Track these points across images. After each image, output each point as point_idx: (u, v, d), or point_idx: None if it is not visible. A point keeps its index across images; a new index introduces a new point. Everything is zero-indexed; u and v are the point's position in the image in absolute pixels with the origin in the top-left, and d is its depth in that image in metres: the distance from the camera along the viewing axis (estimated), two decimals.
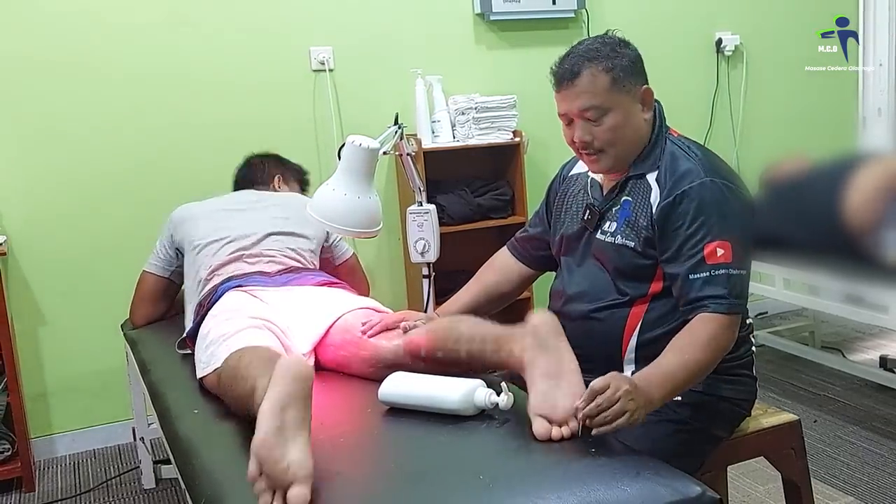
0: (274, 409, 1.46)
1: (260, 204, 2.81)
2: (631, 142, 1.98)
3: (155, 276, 2.85)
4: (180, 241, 2.74)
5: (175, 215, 2.80)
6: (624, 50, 1.97)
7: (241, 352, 1.94)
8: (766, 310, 4.76)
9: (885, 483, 2.86)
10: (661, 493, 1.42)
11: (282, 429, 1.44)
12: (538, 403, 1.64)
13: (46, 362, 3.52)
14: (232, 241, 2.60)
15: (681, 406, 1.90)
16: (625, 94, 1.95)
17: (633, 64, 1.97)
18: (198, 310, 2.41)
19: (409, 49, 3.93)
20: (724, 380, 1.95)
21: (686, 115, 4.51)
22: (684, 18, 4.47)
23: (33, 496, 3.22)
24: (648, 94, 1.99)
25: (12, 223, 3.39)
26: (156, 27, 3.52)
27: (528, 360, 1.71)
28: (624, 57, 1.96)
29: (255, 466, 1.43)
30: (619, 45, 1.98)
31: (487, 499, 1.43)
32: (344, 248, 2.95)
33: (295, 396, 1.48)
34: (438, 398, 1.77)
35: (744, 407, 2.02)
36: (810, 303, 3.50)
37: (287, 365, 1.52)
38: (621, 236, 1.98)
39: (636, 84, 1.97)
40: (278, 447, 1.42)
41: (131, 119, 3.52)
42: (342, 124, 3.82)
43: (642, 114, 1.98)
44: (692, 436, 1.91)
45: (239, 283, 2.40)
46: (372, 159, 2.33)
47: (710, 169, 1.91)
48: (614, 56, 1.94)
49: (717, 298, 1.81)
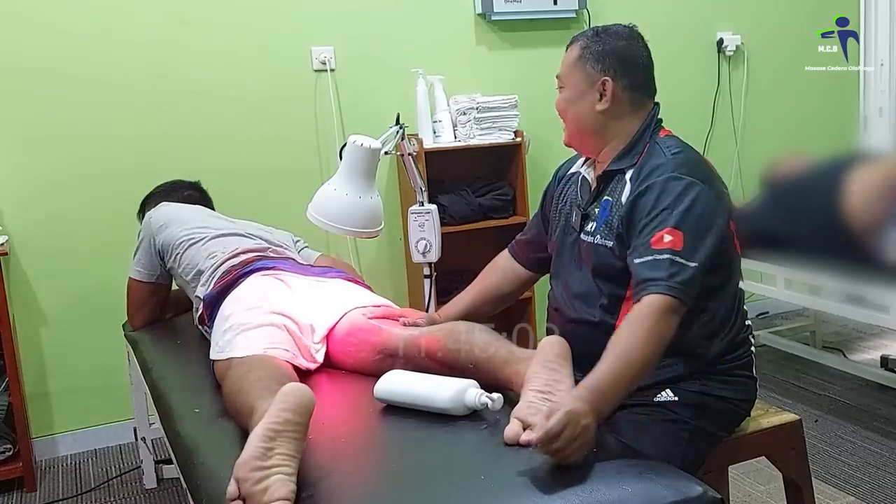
0: (266, 433, 1.45)
1: (243, 221, 2.83)
2: (574, 122, 2.05)
3: (141, 282, 2.85)
4: (165, 242, 2.71)
5: (154, 219, 2.79)
6: (608, 38, 2.03)
7: (252, 363, 1.93)
8: (768, 310, 4.76)
9: (887, 483, 2.86)
10: (663, 494, 1.42)
11: (268, 454, 1.43)
12: (521, 409, 1.63)
13: (48, 362, 3.52)
14: (253, 237, 2.61)
15: (680, 406, 1.90)
16: (583, 76, 2.01)
17: (603, 53, 2.00)
18: (224, 276, 2.38)
19: (411, 49, 3.93)
20: (722, 380, 1.95)
21: (687, 115, 4.52)
22: (686, 18, 4.47)
23: (35, 496, 3.22)
24: (605, 86, 1.99)
25: (14, 223, 3.40)
26: (156, 28, 3.52)
27: (527, 377, 1.71)
28: (602, 43, 2.01)
29: (234, 487, 1.42)
30: (611, 34, 2.04)
31: (488, 499, 1.43)
32: (307, 253, 2.92)
33: (291, 424, 1.47)
34: (430, 397, 1.78)
35: (743, 407, 2.02)
36: (811, 303, 3.50)
37: (288, 392, 1.51)
38: (600, 236, 1.98)
39: (598, 72, 2.00)
40: (260, 470, 1.41)
41: (133, 119, 3.52)
42: (343, 124, 3.82)
43: (597, 103, 2.00)
44: (691, 435, 1.90)
45: (273, 265, 2.38)
46: (373, 159, 2.33)
47: (680, 165, 1.90)
48: (594, 39, 2.03)
49: (656, 281, 1.76)
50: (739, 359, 1.99)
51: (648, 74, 2.07)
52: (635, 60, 2.03)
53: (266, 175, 3.70)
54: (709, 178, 1.91)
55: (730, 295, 1.98)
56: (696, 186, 1.86)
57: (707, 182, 1.89)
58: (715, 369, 1.92)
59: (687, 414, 1.90)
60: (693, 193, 1.84)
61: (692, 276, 1.78)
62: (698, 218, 1.83)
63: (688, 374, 1.92)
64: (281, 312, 2.17)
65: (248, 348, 2.00)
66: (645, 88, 2.05)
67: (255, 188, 3.60)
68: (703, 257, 1.80)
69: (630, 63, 2.02)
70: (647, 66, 2.06)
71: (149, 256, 2.79)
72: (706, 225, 1.83)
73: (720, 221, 1.87)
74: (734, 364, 1.98)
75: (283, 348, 2.07)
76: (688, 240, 1.80)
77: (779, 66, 4.67)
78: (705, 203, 1.85)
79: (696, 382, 1.92)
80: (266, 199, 3.58)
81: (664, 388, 1.91)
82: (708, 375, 1.92)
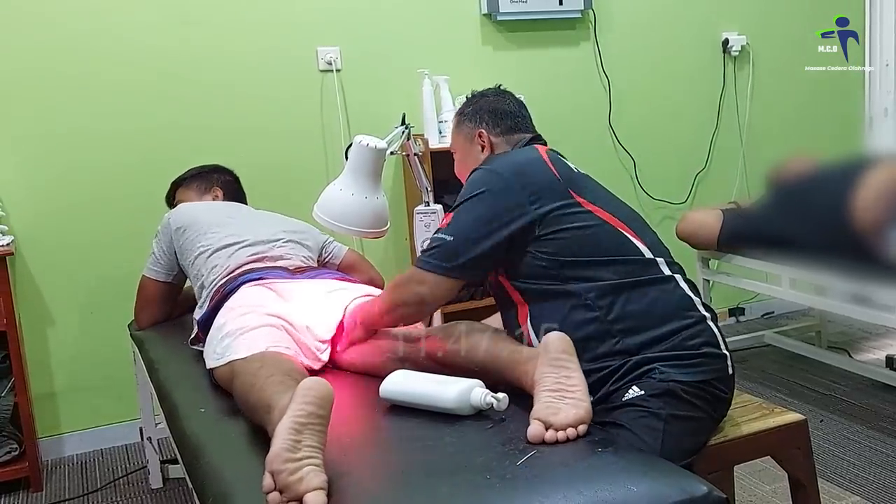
0: (293, 426, 1.46)
1: (265, 214, 2.82)
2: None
3: (156, 281, 2.85)
4: (183, 245, 2.73)
5: (173, 220, 2.79)
6: (476, 99, 2.32)
7: (262, 359, 1.94)
8: (773, 309, 4.76)
9: (892, 482, 2.86)
10: (668, 493, 1.42)
11: (297, 446, 1.44)
12: (540, 409, 1.64)
13: (54, 362, 3.53)
14: (250, 244, 2.60)
15: (648, 399, 1.85)
16: (463, 136, 2.31)
17: (474, 112, 2.29)
18: (213, 296, 2.41)
19: (417, 49, 3.93)
20: (679, 363, 1.89)
21: (693, 115, 4.52)
22: (691, 19, 4.47)
23: (41, 496, 3.22)
24: (482, 137, 2.25)
25: (20, 223, 3.40)
26: (162, 26, 3.53)
27: (537, 378, 1.72)
28: (472, 105, 2.31)
29: (270, 480, 1.43)
30: (478, 95, 2.34)
31: (493, 498, 1.43)
32: (336, 248, 2.94)
33: (314, 417, 1.49)
34: (435, 397, 1.79)
35: (716, 385, 1.94)
36: (817, 303, 3.50)
37: (310, 385, 1.52)
38: None
39: (473, 127, 2.27)
40: (292, 462, 1.42)
41: (138, 119, 3.53)
42: (349, 124, 3.83)
43: (480, 154, 2.26)
44: (666, 425, 1.84)
45: (260, 276, 2.40)
46: (379, 159, 2.34)
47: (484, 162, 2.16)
48: (466, 104, 2.33)
49: (421, 256, 2.05)
50: (693, 336, 1.93)
51: (517, 117, 2.30)
52: (503, 108, 2.28)
53: (272, 175, 3.71)
54: (503, 164, 2.08)
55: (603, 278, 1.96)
56: (487, 172, 2.05)
57: (502, 168, 2.05)
58: (671, 354, 1.89)
59: (657, 404, 1.86)
60: (479, 178, 2.04)
61: (451, 248, 1.99)
62: (471, 196, 2.02)
63: (645, 364, 1.88)
64: (276, 314, 2.20)
65: (251, 349, 2.01)
66: (516, 128, 2.28)
67: (261, 188, 3.60)
68: (461, 229, 2.00)
69: (499, 112, 2.27)
70: (515, 112, 2.30)
71: (166, 256, 2.80)
72: (474, 205, 2.02)
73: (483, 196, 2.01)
74: (690, 344, 1.92)
75: (285, 346, 2.08)
76: (455, 218, 2.02)
77: (784, 66, 4.66)
78: (486, 183, 2.02)
79: (656, 372, 1.87)
80: (272, 198, 3.58)
81: (630, 385, 1.88)
82: (665, 362, 1.88)
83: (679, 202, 4.48)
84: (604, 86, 4.30)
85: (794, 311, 4.70)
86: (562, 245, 1.96)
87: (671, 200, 4.49)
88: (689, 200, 4.54)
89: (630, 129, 4.34)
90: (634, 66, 4.37)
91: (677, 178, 4.52)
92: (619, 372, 1.90)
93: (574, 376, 1.70)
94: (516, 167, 2.03)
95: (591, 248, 1.97)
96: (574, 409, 1.63)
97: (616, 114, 4.32)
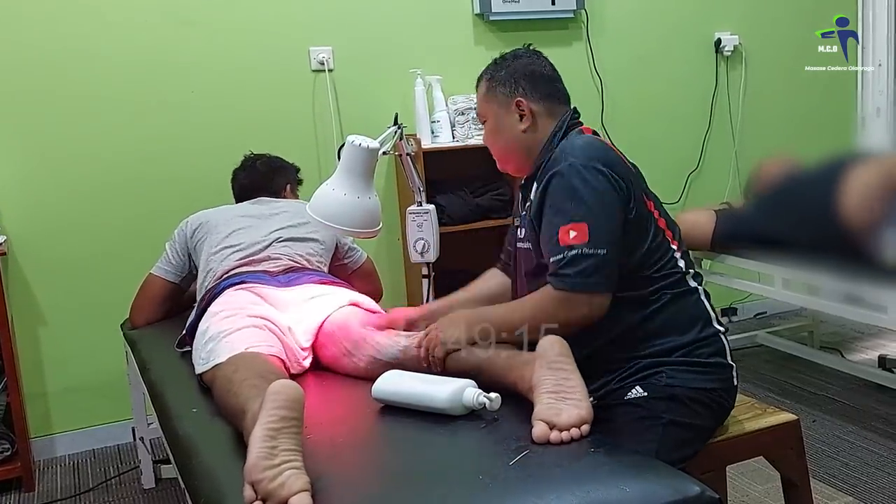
0: (266, 434, 1.45)
1: (270, 212, 2.81)
2: (504, 149, 2.15)
3: (164, 280, 2.86)
4: (196, 247, 2.75)
5: (191, 222, 2.81)
6: (508, 62, 2.12)
7: (237, 362, 1.95)
8: (766, 310, 4.77)
9: (884, 483, 2.86)
10: (661, 493, 1.42)
11: (273, 452, 1.43)
12: (543, 410, 1.64)
13: (46, 362, 3.52)
14: (241, 249, 2.61)
15: (650, 401, 1.88)
16: (496, 104, 2.11)
17: (508, 76, 2.09)
18: (202, 300, 2.43)
19: (409, 49, 3.93)
20: (691, 371, 1.92)
21: (685, 114, 4.53)
22: (683, 18, 4.47)
23: (33, 496, 3.22)
24: (521, 105, 2.07)
25: (12, 223, 3.40)
26: (155, 27, 3.52)
27: (535, 382, 1.72)
28: (504, 68, 2.11)
29: (251, 491, 1.42)
30: (510, 57, 2.13)
31: (486, 499, 1.42)
32: (358, 254, 2.96)
33: (287, 420, 1.48)
34: (428, 397, 1.78)
35: (722, 395, 1.97)
36: (809, 303, 3.50)
37: (278, 389, 1.51)
38: (526, 240, 2.05)
39: (509, 94, 2.08)
40: (271, 469, 1.41)
41: (131, 119, 3.52)
42: (342, 124, 3.83)
43: (518, 124, 2.08)
44: (665, 430, 1.87)
45: (241, 280, 2.42)
46: (371, 159, 2.33)
47: (571, 153, 1.93)
48: (497, 67, 2.13)
49: (562, 277, 1.85)
50: (707, 346, 1.96)
51: (556, 83, 2.13)
52: (539, 73, 2.11)
53: None
54: (604, 161, 1.92)
55: (669, 286, 1.97)
56: (588, 170, 1.88)
57: (599, 164, 1.90)
58: (681, 360, 1.90)
59: (660, 408, 1.87)
60: (586, 178, 1.88)
61: (604, 263, 1.84)
62: (596, 203, 1.87)
63: (652, 367, 1.91)
64: (258, 316, 2.22)
65: (232, 351, 2.02)
66: (556, 96, 2.12)
67: None
68: (608, 240, 1.86)
69: (535, 77, 2.10)
70: (552, 77, 2.13)
71: (178, 257, 2.81)
72: (605, 208, 1.88)
73: (611, 200, 1.90)
74: (702, 353, 1.94)
75: (267, 344, 2.10)
76: (593, 230, 1.85)
77: (776, 66, 4.68)
78: (599, 186, 1.88)
79: (662, 375, 1.89)
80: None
81: (633, 385, 1.90)
82: (674, 367, 1.90)
83: (672, 202, 4.48)
84: (596, 86, 4.30)
85: (787, 311, 4.71)
86: (631, 251, 1.94)
87: (663, 200, 4.45)
88: (681, 200, 4.55)
89: (622, 129, 4.34)
90: (627, 66, 4.37)
91: (670, 178, 4.52)
92: (624, 371, 1.91)
93: (573, 378, 1.70)
94: (607, 160, 1.93)
95: (648, 257, 1.97)
96: (576, 410, 1.63)
97: (608, 114, 4.32)
